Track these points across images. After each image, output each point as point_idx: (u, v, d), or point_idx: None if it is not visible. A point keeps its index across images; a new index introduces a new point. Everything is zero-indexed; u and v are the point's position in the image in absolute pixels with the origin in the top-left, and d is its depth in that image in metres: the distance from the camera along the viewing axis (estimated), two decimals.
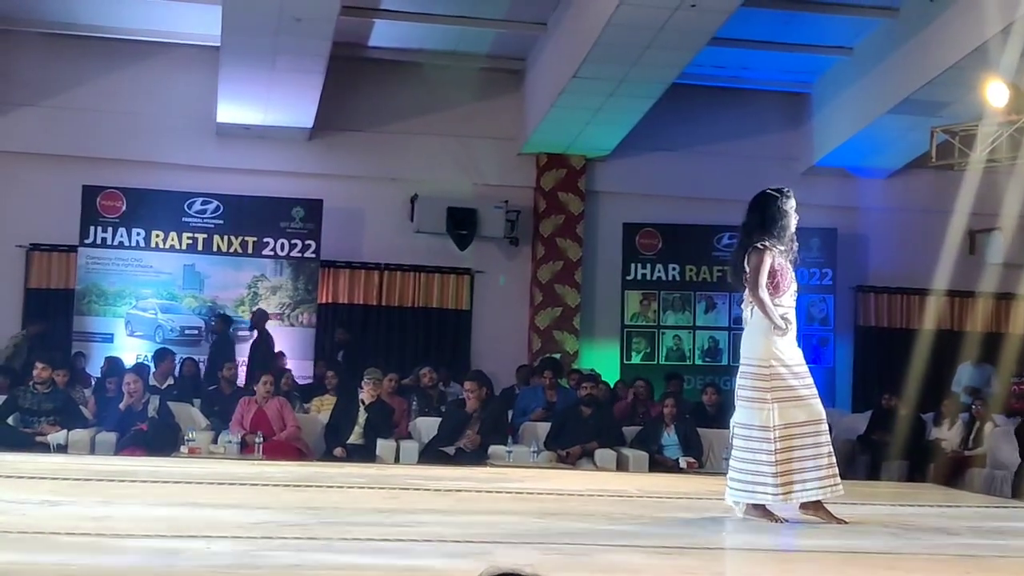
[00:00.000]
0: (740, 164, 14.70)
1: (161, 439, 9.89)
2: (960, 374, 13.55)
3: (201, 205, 14.24)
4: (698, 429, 10.69)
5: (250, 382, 12.28)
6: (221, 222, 14.25)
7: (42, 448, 9.82)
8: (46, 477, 7.05)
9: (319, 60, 12.65)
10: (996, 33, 10.79)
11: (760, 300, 5.85)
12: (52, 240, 14.34)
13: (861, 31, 13.70)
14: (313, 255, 14.41)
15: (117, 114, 14.34)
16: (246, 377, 12.75)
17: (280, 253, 14.35)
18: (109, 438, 10.01)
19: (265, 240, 14.33)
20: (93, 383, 12.49)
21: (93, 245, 14.00)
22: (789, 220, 6.01)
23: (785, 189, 6.11)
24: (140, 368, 12.18)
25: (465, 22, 13.63)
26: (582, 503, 6.95)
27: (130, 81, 14.46)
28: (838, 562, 4.89)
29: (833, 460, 5.89)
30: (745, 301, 6.02)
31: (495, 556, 4.52)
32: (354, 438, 10.19)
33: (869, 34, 13.65)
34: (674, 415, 10.68)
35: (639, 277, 15.30)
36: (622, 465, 10.25)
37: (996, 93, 11.05)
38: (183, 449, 9.59)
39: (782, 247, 5.97)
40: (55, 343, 13.30)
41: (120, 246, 14.05)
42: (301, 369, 13.69)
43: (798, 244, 6.09)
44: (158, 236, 14.11)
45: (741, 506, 6.01)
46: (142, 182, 14.25)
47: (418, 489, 7.13)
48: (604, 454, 10.33)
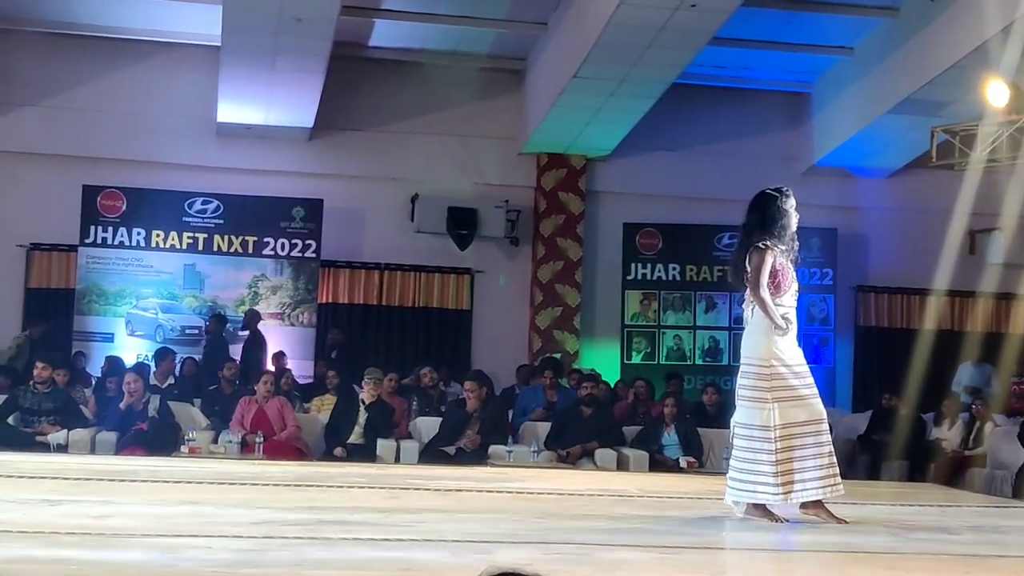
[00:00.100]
0: (741, 164, 14.70)
1: (161, 439, 9.89)
2: (960, 374, 13.54)
3: (201, 205, 14.24)
4: (698, 429, 10.69)
5: (244, 382, 12.31)
6: (221, 222, 14.25)
7: (42, 448, 9.82)
8: (46, 477, 7.05)
9: (320, 60, 12.66)
10: (996, 33, 10.79)
11: (761, 300, 5.85)
12: (52, 240, 14.34)
13: (861, 31, 13.70)
14: (313, 255, 14.41)
15: (117, 114, 14.34)
16: (239, 377, 12.76)
17: (280, 253, 14.35)
18: (109, 438, 10.01)
19: (265, 240, 14.33)
20: (93, 383, 12.49)
21: (93, 245, 14.01)
22: (789, 220, 6.01)
23: (784, 189, 6.10)
24: (140, 368, 12.18)
25: (466, 22, 13.63)
26: (582, 503, 6.95)
27: (130, 81, 14.47)
28: (838, 562, 4.89)
29: (834, 460, 5.89)
30: (746, 301, 6.02)
31: (495, 556, 4.52)
32: (354, 438, 10.20)
33: (869, 34, 13.65)
34: (674, 415, 10.69)
35: (639, 277, 15.29)
36: (622, 465, 10.25)
37: (996, 93, 11.05)
38: (183, 449, 9.60)
39: (783, 247, 5.97)
40: (55, 343, 13.31)
41: (120, 246, 14.05)
42: (302, 369, 13.70)
43: (799, 244, 6.10)
44: (158, 236, 14.12)
45: (741, 506, 6.01)
46: (142, 182, 14.25)
47: (418, 489, 7.13)
48: (604, 454, 10.33)
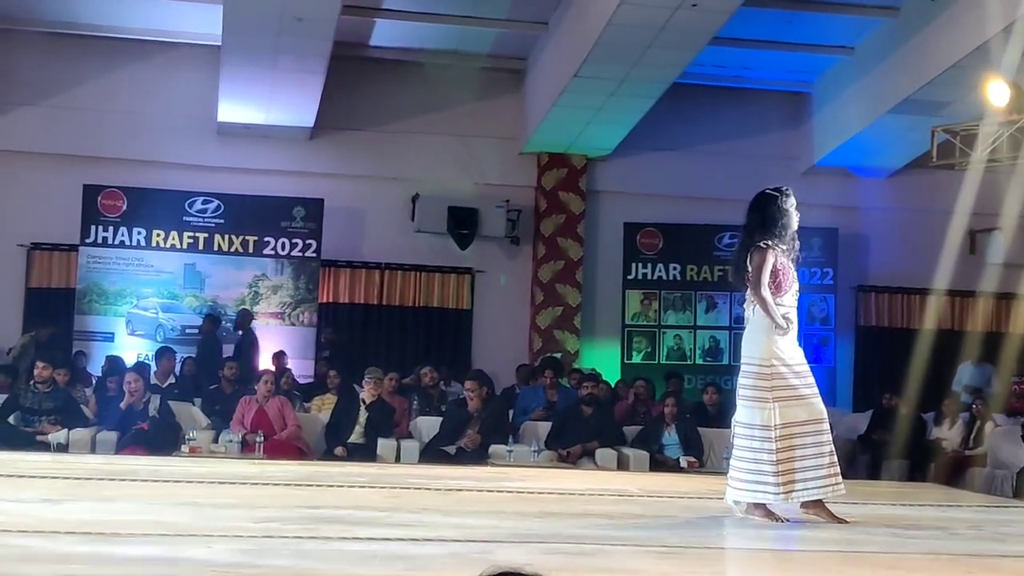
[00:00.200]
0: (741, 164, 14.70)
1: (162, 438, 9.90)
2: (961, 374, 13.53)
3: (202, 204, 14.24)
4: (699, 429, 10.70)
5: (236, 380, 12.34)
6: (222, 221, 14.25)
7: (43, 447, 9.82)
8: (47, 476, 7.05)
9: (320, 59, 12.66)
10: (997, 32, 10.78)
11: (762, 299, 5.86)
12: (53, 239, 14.34)
13: (862, 31, 13.70)
14: (314, 254, 14.41)
15: (118, 113, 14.34)
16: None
17: (281, 252, 14.35)
18: (110, 437, 10.01)
19: (266, 239, 14.32)
20: (94, 382, 12.49)
21: (94, 244, 14.01)
22: (790, 219, 6.01)
23: (784, 188, 6.11)
24: (141, 367, 12.19)
25: (466, 22, 13.63)
26: (583, 503, 6.94)
27: (131, 80, 14.46)
28: (839, 562, 4.89)
29: (835, 459, 5.89)
30: (747, 300, 6.02)
31: (496, 555, 4.52)
32: (355, 437, 10.20)
33: (870, 34, 13.64)
34: (675, 414, 10.69)
35: (640, 276, 15.29)
36: (623, 464, 10.25)
37: (997, 93, 11.04)
38: (184, 448, 9.60)
39: (784, 246, 5.98)
40: (56, 343, 13.30)
41: (121, 245, 14.05)
42: (303, 368, 13.70)
43: (799, 243, 6.10)
44: (159, 235, 14.11)
45: (742, 505, 6.01)
46: (143, 181, 14.25)
47: (419, 488, 7.13)
48: (605, 453, 10.33)
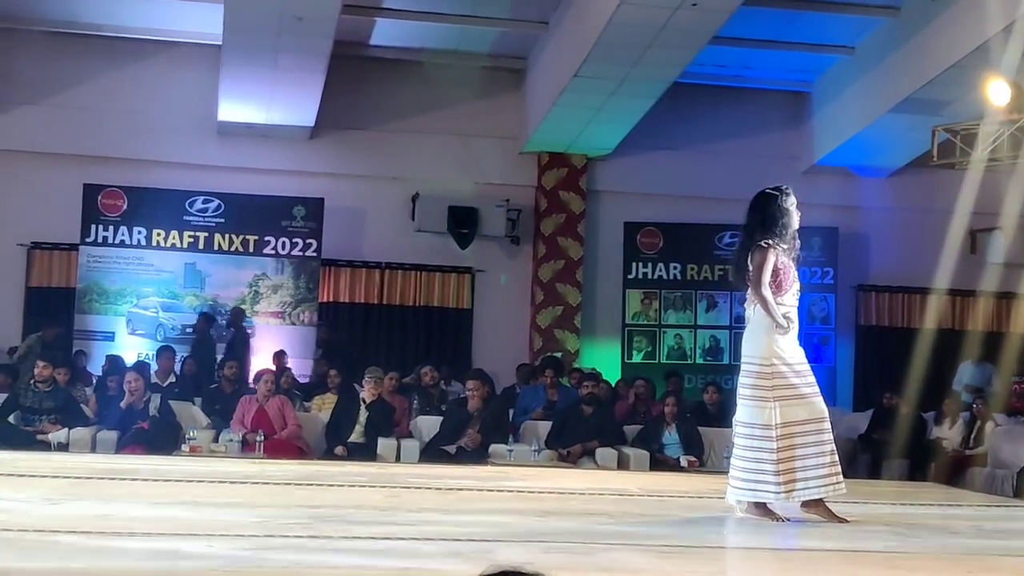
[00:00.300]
0: (741, 163, 14.68)
1: (162, 438, 9.90)
2: (961, 373, 13.53)
3: (202, 204, 14.23)
4: (699, 428, 10.69)
5: (220, 379, 12.31)
6: (222, 221, 14.24)
7: (43, 447, 9.82)
8: (47, 476, 7.05)
9: (321, 59, 12.66)
10: (997, 32, 10.78)
11: (762, 298, 5.85)
12: (53, 239, 14.33)
13: (862, 30, 13.69)
14: (314, 254, 14.40)
15: (118, 113, 14.33)
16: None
17: (281, 252, 14.34)
18: (110, 436, 10.01)
19: (266, 239, 14.31)
20: (94, 382, 12.48)
21: (94, 244, 14.00)
22: (790, 218, 6.01)
23: (785, 187, 6.10)
24: (141, 366, 12.18)
25: (466, 21, 13.62)
26: (583, 502, 6.94)
27: (131, 80, 14.45)
28: (839, 561, 4.89)
29: (836, 459, 5.88)
30: (748, 300, 6.02)
31: (496, 555, 4.52)
32: (355, 437, 10.19)
33: (870, 33, 13.64)
34: (675, 414, 10.69)
35: (640, 276, 15.28)
36: (623, 464, 10.25)
37: (997, 92, 11.04)
38: (184, 448, 9.61)
39: (785, 245, 5.97)
40: (60, 342, 13.30)
41: (121, 244, 14.04)
42: (303, 368, 13.70)
43: (800, 242, 6.09)
44: (159, 235, 14.11)
45: (743, 505, 6.01)
46: (143, 181, 14.25)
47: (419, 488, 7.13)
48: (605, 453, 10.33)
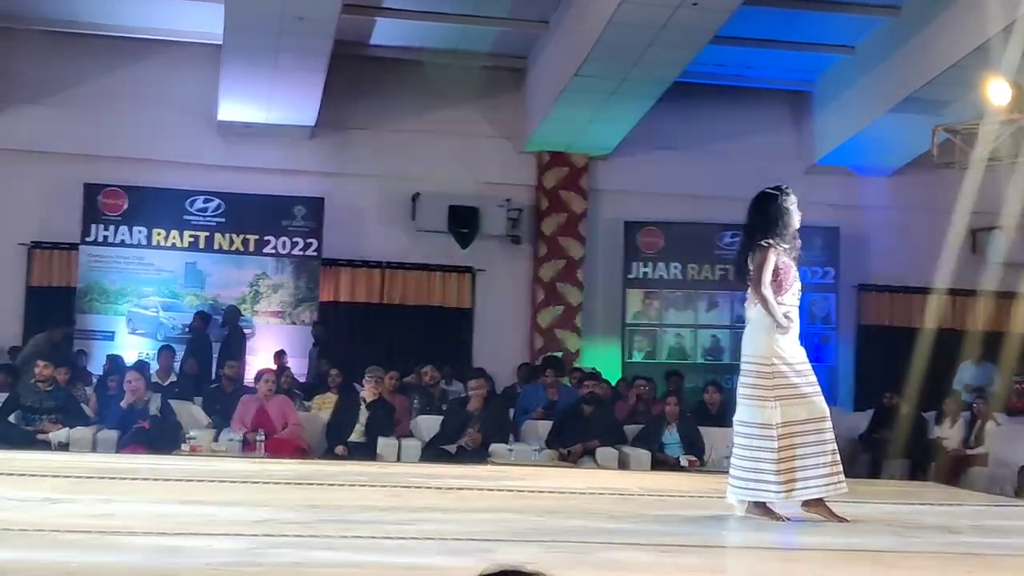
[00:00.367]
0: (742, 162, 14.66)
1: (163, 437, 9.89)
2: (961, 373, 13.52)
3: (203, 203, 14.23)
4: (700, 428, 10.68)
5: (220, 378, 12.33)
6: (223, 220, 14.24)
7: (44, 446, 9.81)
8: (48, 475, 7.06)
9: (321, 58, 12.66)
10: (998, 32, 10.78)
11: (763, 297, 5.85)
12: (54, 238, 14.33)
13: (863, 30, 13.69)
14: (315, 253, 14.41)
15: (119, 112, 14.32)
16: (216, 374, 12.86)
17: (282, 251, 14.34)
18: (111, 436, 10.00)
19: (267, 238, 14.31)
20: (95, 381, 12.48)
21: (95, 243, 14.00)
22: (791, 217, 6.01)
23: (785, 187, 6.10)
24: (142, 366, 12.17)
25: (467, 20, 13.63)
26: (584, 501, 6.95)
27: (132, 79, 14.45)
28: (840, 560, 4.89)
29: (837, 458, 5.87)
30: (749, 300, 6.02)
31: (496, 554, 4.52)
32: (355, 436, 10.19)
33: (871, 33, 13.64)
34: (676, 414, 10.69)
35: (641, 275, 15.27)
36: (624, 463, 10.25)
37: (998, 92, 11.04)
38: (184, 447, 9.61)
39: (786, 245, 5.97)
40: (64, 342, 13.33)
41: (122, 244, 14.04)
42: (301, 367, 13.70)
43: (800, 242, 6.09)
44: (159, 234, 14.11)
45: (743, 504, 6.00)
46: (144, 180, 14.24)
47: (419, 487, 7.13)
48: (606, 452, 10.32)
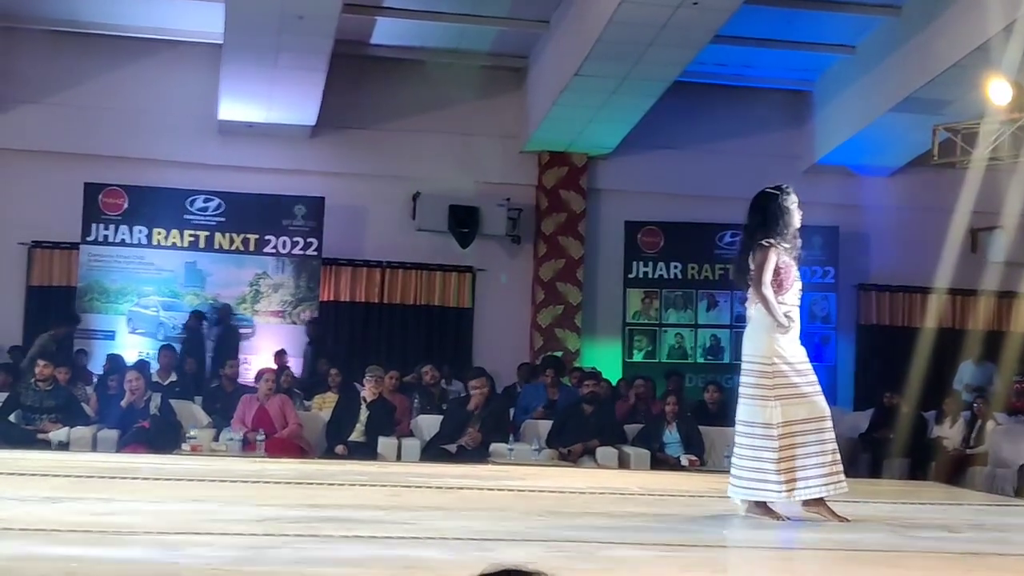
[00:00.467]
0: (742, 162, 14.66)
1: (163, 436, 9.90)
2: (962, 372, 13.53)
3: (203, 202, 14.22)
4: (700, 427, 10.69)
5: (214, 377, 12.46)
6: (223, 219, 14.23)
7: (44, 445, 9.82)
8: (48, 474, 7.06)
9: (321, 58, 12.66)
10: (998, 31, 10.77)
11: (764, 297, 5.85)
12: (54, 237, 14.32)
13: (864, 29, 13.69)
14: (315, 253, 14.40)
15: (119, 111, 14.32)
16: (210, 372, 12.91)
17: (282, 251, 14.34)
18: (111, 435, 10.01)
19: (267, 238, 14.30)
20: (95, 380, 12.48)
21: (95, 243, 13.99)
22: (791, 217, 6.01)
23: (785, 186, 6.11)
24: (142, 365, 12.17)
25: (467, 20, 13.62)
26: (584, 501, 6.95)
27: (132, 78, 14.44)
28: (840, 560, 4.89)
29: (838, 457, 5.88)
30: (749, 299, 6.02)
31: (497, 554, 4.52)
32: (355, 436, 10.18)
33: (871, 32, 13.63)
34: (676, 413, 10.69)
35: (641, 275, 15.27)
36: (624, 463, 10.25)
37: (998, 91, 11.04)
38: (185, 447, 9.61)
39: (786, 244, 5.97)
40: (67, 341, 13.35)
41: (122, 243, 14.03)
42: (298, 366, 13.68)
43: (801, 241, 6.09)
44: (160, 233, 14.10)
45: (744, 504, 6.01)
46: (144, 179, 14.23)
47: (419, 487, 7.13)
48: (606, 452, 10.33)
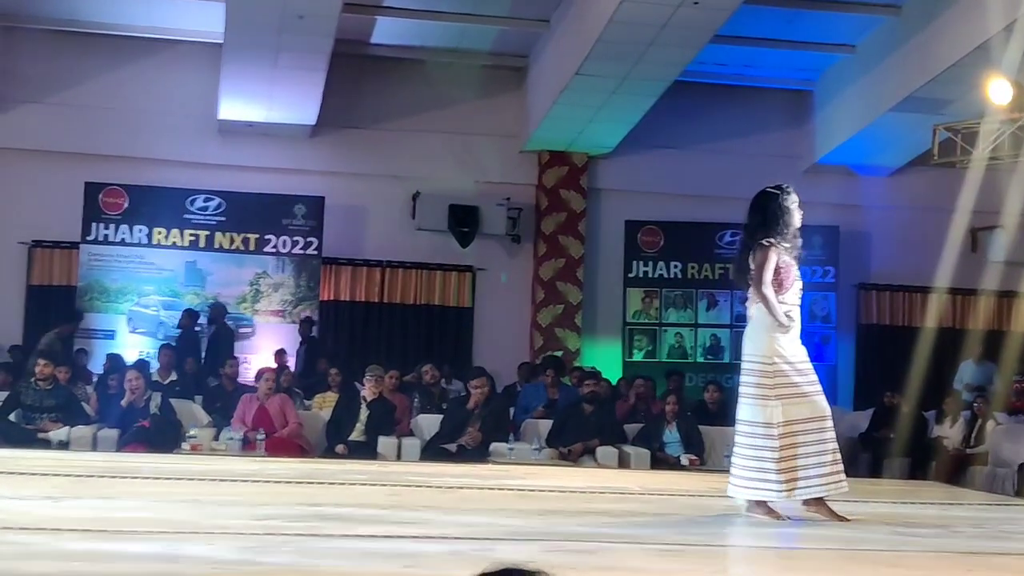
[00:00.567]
0: (742, 162, 14.66)
1: (163, 436, 9.90)
2: (962, 372, 13.52)
3: (203, 202, 14.23)
4: (700, 427, 10.69)
5: (209, 375, 12.48)
6: (223, 219, 14.24)
7: (44, 445, 9.82)
8: (48, 474, 7.06)
9: (321, 57, 12.66)
10: (999, 31, 10.77)
11: (764, 296, 5.85)
12: (54, 237, 14.32)
13: (864, 29, 13.69)
14: (315, 252, 14.40)
15: (120, 111, 14.32)
16: (202, 370, 12.90)
17: (282, 250, 14.34)
18: (111, 435, 10.01)
19: (267, 237, 14.31)
20: (95, 380, 12.49)
21: (95, 242, 14.00)
22: (792, 216, 6.01)
23: (785, 186, 6.10)
24: (142, 364, 12.17)
25: (467, 19, 13.62)
26: (584, 500, 6.95)
27: (133, 78, 14.44)
28: (840, 560, 4.89)
29: (838, 457, 5.88)
30: (750, 299, 6.01)
31: (497, 553, 4.51)
32: (356, 435, 10.18)
33: (872, 32, 13.63)
34: (676, 412, 10.69)
35: (641, 274, 15.28)
36: (624, 463, 10.25)
37: (998, 91, 11.04)
38: (185, 446, 9.62)
39: (787, 244, 5.97)
40: (72, 339, 13.37)
41: (122, 243, 14.04)
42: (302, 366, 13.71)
43: (801, 241, 6.09)
44: (160, 233, 14.11)
45: (744, 503, 6.00)
46: (144, 179, 14.24)
47: (420, 486, 7.13)
48: (606, 451, 10.33)
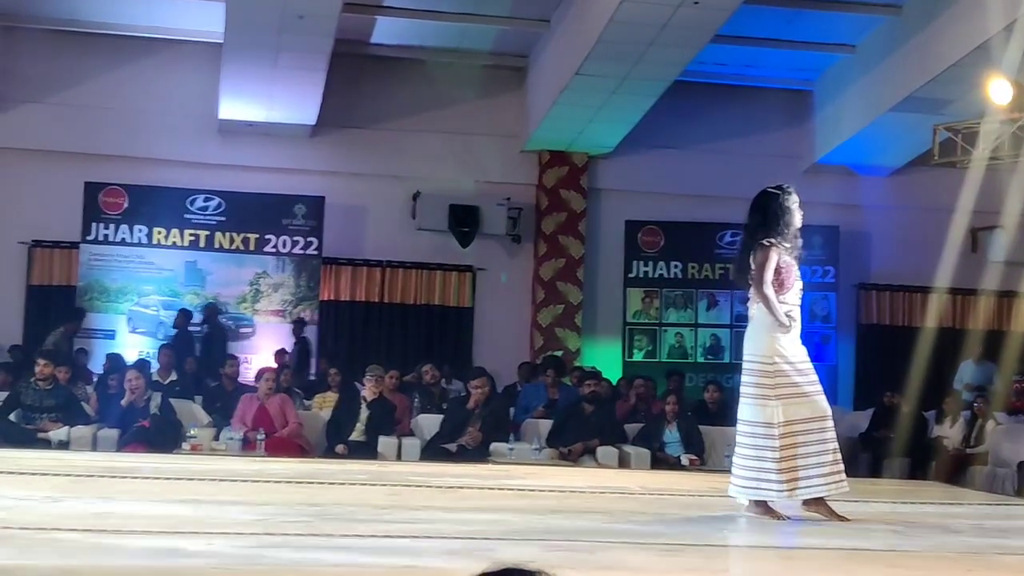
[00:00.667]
0: (742, 162, 14.66)
1: (163, 436, 9.89)
2: (962, 372, 13.53)
3: (203, 202, 14.23)
4: (700, 427, 10.69)
5: (206, 375, 12.49)
6: (223, 219, 14.24)
7: (44, 444, 9.82)
8: (48, 473, 7.06)
9: (321, 57, 12.66)
10: (999, 31, 10.77)
11: (765, 296, 5.85)
12: (54, 237, 14.32)
13: (864, 28, 13.69)
14: (315, 252, 14.40)
15: (120, 111, 14.32)
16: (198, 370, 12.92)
17: (282, 250, 14.34)
18: (111, 434, 10.00)
19: (267, 237, 14.31)
20: (95, 380, 12.49)
21: (95, 242, 14.00)
22: (792, 216, 6.00)
23: (786, 186, 6.11)
24: (142, 364, 12.17)
25: (468, 19, 13.62)
26: (584, 500, 6.95)
27: (133, 78, 14.44)
28: (840, 560, 4.89)
29: (839, 456, 5.88)
30: (751, 299, 6.01)
31: (497, 553, 4.51)
32: (356, 435, 10.18)
33: (872, 31, 13.63)
34: (676, 412, 10.69)
35: (641, 274, 15.27)
36: (624, 462, 10.25)
37: (999, 91, 11.04)
38: (185, 446, 9.61)
39: (787, 244, 5.97)
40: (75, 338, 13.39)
41: (122, 243, 14.04)
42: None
43: (801, 241, 6.09)
44: (160, 233, 14.11)
45: (744, 503, 6.00)
46: (144, 179, 14.24)
47: (420, 486, 7.13)
48: (606, 451, 10.33)
